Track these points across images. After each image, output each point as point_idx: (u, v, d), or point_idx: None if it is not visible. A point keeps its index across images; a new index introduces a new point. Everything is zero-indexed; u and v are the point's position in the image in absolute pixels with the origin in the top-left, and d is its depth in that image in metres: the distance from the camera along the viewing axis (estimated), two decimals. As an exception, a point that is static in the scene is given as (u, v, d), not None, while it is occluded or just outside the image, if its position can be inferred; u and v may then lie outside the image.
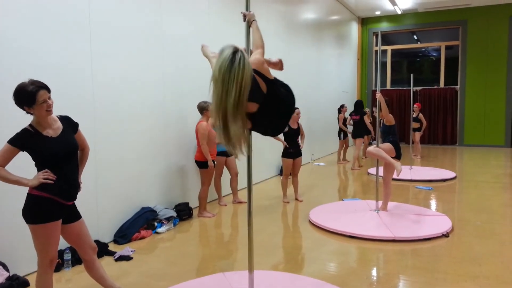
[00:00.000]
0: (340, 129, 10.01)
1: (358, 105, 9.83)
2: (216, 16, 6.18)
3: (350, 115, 9.85)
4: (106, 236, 4.39)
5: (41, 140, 2.54)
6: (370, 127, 9.69)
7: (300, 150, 6.17)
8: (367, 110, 10.19)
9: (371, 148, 5.10)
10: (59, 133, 2.63)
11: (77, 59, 4.03)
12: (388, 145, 5.10)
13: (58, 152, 2.58)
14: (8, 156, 2.51)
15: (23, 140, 2.52)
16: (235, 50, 2.15)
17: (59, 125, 2.66)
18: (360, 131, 9.47)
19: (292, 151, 6.07)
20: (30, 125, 2.58)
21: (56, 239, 2.62)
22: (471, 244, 4.29)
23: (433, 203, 6.14)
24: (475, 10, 12.78)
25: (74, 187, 2.70)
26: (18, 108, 2.54)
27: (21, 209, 2.57)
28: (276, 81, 2.41)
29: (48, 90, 2.55)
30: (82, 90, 4.09)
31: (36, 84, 2.50)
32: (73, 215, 2.74)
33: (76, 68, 4.02)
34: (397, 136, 5.28)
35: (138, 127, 4.82)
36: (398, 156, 5.15)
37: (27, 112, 2.56)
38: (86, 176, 3.22)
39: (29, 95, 2.47)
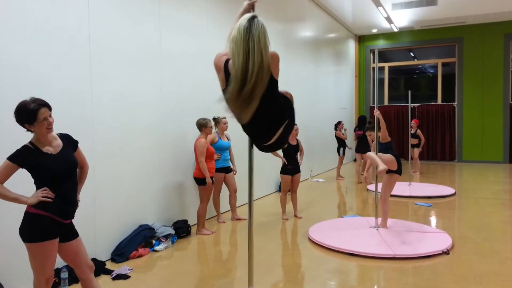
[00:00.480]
0: (339, 145, 10.03)
1: (362, 121, 9.87)
2: (215, 35, 6.24)
3: (354, 131, 9.89)
4: (104, 254, 4.34)
5: (40, 157, 2.54)
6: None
7: (299, 167, 6.17)
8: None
9: (370, 153, 5.11)
10: (59, 151, 2.63)
11: (76, 78, 4.05)
12: (390, 157, 5.06)
13: (57, 169, 2.57)
14: (7, 172, 2.50)
15: (23, 157, 2.52)
16: (254, 16, 2.13)
17: (59, 142, 2.66)
18: (363, 146, 9.48)
19: (291, 168, 6.06)
20: (30, 142, 2.58)
21: (53, 258, 2.60)
22: (471, 262, 4.26)
23: (433, 220, 6.12)
24: (470, 28, 12.96)
25: (72, 205, 2.68)
26: (18, 125, 2.54)
27: (17, 227, 2.55)
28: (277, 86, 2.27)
29: (49, 108, 2.56)
30: (81, 108, 4.10)
31: (38, 102, 2.51)
32: (71, 234, 2.72)
33: (76, 87, 4.04)
34: (395, 153, 5.29)
35: (136, 145, 4.82)
36: (399, 172, 5.14)
37: (28, 130, 2.56)
38: (84, 193, 3.20)
39: (30, 112, 2.48)
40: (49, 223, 2.54)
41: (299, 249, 4.87)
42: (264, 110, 2.16)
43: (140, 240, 4.58)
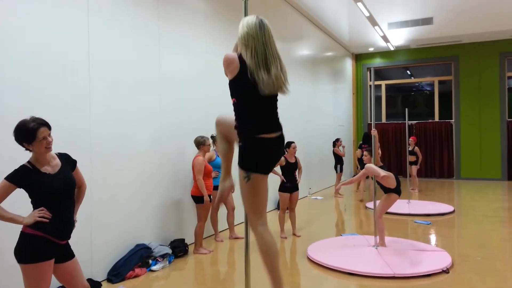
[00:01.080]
0: (337, 163, 10.02)
1: (367, 137, 9.87)
2: (213, 55, 6.31)
3: (360, 147, 9.92)
4: (100, 275, 4.29)
5: (39, 177, 2.53)
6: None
7: (297, 185, 6.15)
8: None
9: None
10: (57, 170, 2.62)
11: (75, 97, 4.07)
12: (390, 174, 5.05)
13: (56, 189, 2.56)
14: (5, 192, 2.48)
15: (21, 177, 2.50)
16: (257, 16, 2.44)
17: (57, 162, 2.66)
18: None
19: (289, 185, 6.04)
20: (28, 161, 2.57)
21: (48, 279, 2.56)
22: (471, 280, 4.22)
23: (432, 238, 6.07)
24: (466, 47, 13.12)
25: (69, 225, 2.66)
26: (17, 144, 2.54)
27: (13, 248, 2.52)
28: None
29: (49, 127, 2.56)
30: (79, 128, 4.11)
31: (37, 121, 2.52)
32: (67, 254, 2.69)
33: (74, 107, 4.06)
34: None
35: (134, 164, 4.81)
36: (397, 191, 5.12)
37: (26, 149, 2.55)
38: (81, 213, 3.17)
39: (29, 131, 2.48)
40: (45, 244, 2.51)
41: (298, 268, 4.81)
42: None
43: (137, 259, 4.53)
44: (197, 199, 5.27)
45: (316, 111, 11.08)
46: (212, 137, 5.72)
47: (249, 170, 2.37)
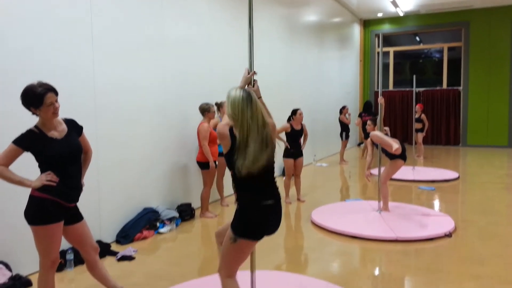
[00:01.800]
0: (342, 130, 10.00)
1: (368, 106, 9.77)
2: (217, 19, 6.19)
3: (360, 116, 9.80)
4: (109, 237, 4.40)
5: (46, 142, 2.55)
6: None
7: (301, 151, 6.17)
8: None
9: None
10: (64, 136, 2.63)
11: (79, 62, 4.05)
12: (396, 141, 5.03)
13: (62, 153, 2.58)
14: (12, 156, 2.51)
15: (28, 141, 2.52)
16: (245, 89, 2.41)
17: (64, 127, 2.67)
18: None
19: (293, 151, 6.06)
20: (35, 126, 2.58)
21: (58, 240, 2.63)
22: (474, 245, 4.28)
23: (436, 204, 6.13)
24: (477, 12, 12.76)
25: (76, 189, 2.71)
26: (21, 109, 2.55)
27: (22, 210, 2.58)
28: None
29: (56, 93, 2.56)
30: (84, 93, 4.11)
31: (44, 87, 2.51)
32: (75, 217, 2.75)
33: (78, 72, 4.04)
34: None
35: (140, 129, 4.84)
36: (403, 157, 5.13)
37: (33, 113, 2.56)
38: (89, 177, 3.23)
39: (37, 96, 2.48)
40: (53, 207, 2.57)
41: (302, 232, 4.90)
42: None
43: (145, 222, 4.63)
44: (203, 165, 5.31)
45: (323, 78, 10.96)
46: (217, 104, 5.71)
47: (240, 235, 2.35)
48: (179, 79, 5.48)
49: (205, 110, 5.35)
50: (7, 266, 3.36)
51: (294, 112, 6.03)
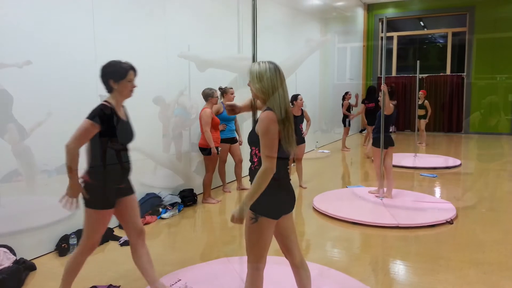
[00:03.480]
0: (345, 116, 9.96)
1: (371, 92, 9.69)
2: (218, 2, 6.12)
3: (363, 102, 9.73)
4: (112, 221, 4.39)
5: (117, 120, 2.47)
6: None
7: (303, 137, 6.15)
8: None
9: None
10: (126, 120, 2.59)
11: (80, 44, 4.01)
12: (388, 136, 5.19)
13: (127, 136, 2.56)
14: (87, 135, 2.33)
15: (104, 115, 2.38)
16: (271, 62, 2.33)
17: (125, 111, 2.62)
18: (373, 118, 9.37)
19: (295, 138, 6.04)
20: (106, 101, 2.46)
21: (105, 226, 2.61)
22: (475, 231, 4.29)
23: (438, 191, 6.14)
24: (483, -4, 12.58)
25: (127, 171, 2.66)
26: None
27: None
28: None
29: (136, 73, 2.53)
30: (85, 76, 4.08)
31: (128, 64, 2.50)
32: (127, 190, 2.67)
33: (79, 54, 4.01)
34: (392, 127, 5.32)
35: (142, 114, 4.80)
36: (391, 143, 5.27)
37: (108, 88, 2.47)
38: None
39: (121, 69, 2.45)
40: (108, 193, 2.53)
41: (303, 218, 4.93)
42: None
43: (147, 208, 4.66)
44: (205, 150, 5.31)
45: (325, 64, 10.88)
46: (221, 89, 5.68)
47: (260, 213, 2.23)
48: (182, 63, 5.44)
49: (208, 95, 5.32)
50: (11, 250, 3.38)
51: (295, 97, 5.98)
